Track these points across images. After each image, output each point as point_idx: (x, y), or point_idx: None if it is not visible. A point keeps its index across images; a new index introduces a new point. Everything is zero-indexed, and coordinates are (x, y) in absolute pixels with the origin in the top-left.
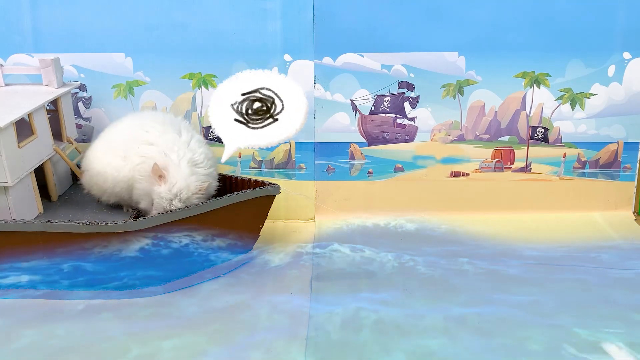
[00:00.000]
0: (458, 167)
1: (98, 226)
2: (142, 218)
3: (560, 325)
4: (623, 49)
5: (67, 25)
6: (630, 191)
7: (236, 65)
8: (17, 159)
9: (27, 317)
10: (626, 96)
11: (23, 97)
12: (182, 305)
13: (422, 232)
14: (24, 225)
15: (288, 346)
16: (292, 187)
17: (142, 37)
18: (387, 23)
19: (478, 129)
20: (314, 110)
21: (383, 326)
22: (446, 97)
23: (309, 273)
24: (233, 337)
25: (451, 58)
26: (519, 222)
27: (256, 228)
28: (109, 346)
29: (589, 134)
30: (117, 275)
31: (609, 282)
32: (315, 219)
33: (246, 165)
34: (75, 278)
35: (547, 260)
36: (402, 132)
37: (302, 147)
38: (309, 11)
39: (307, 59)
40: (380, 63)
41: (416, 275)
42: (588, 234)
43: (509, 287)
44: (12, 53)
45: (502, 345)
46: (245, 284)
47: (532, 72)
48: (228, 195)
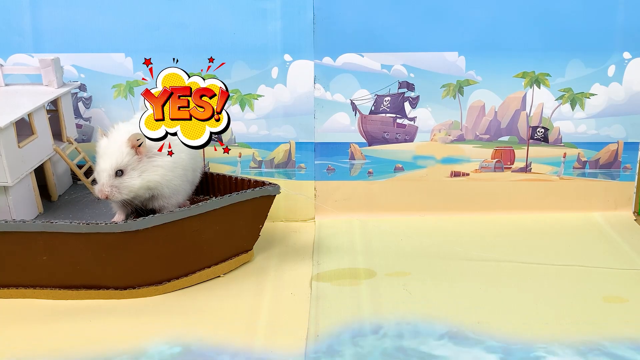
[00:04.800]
0: (458, 167)
1: (98, 226)
2: (142, 218)
3: (560, 326)
4: (623, 49)
5: (67, 25)
6: (630, 191)
7: (236, 65)
8: (17, 159)
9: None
10: (626, 96)
11: (23, 97)
12: (182, 305)
13: (422, 232)
14: (24, 225)
15: (288, 346)
16: (292, 187)
17: (142, 37)
18: (387, 23)
19: (478, 129)
20: (314, 111)
21: (382, 325)
22: (446, 97)
23: (309, 273)
24: (233, 337)
25: (451, 58)
26: (519, 222)
27: (256, 228)
28: (109, 346)
29: (589, 134)
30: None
31: (609, 282)
32: (315, 219)
33: (246, 165)
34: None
35: (546, 260)
36: (402, 132)
37: (302, 147)
38: (309, 11)
39: (307, 59)
40: (380, 63)
41: (416, 275)
42: (588, 234)
43: (509, 287)
44: (12, 53)
45: (502, 347)
46: (245, 284)
47: (532, 72)
48: (228, 195)
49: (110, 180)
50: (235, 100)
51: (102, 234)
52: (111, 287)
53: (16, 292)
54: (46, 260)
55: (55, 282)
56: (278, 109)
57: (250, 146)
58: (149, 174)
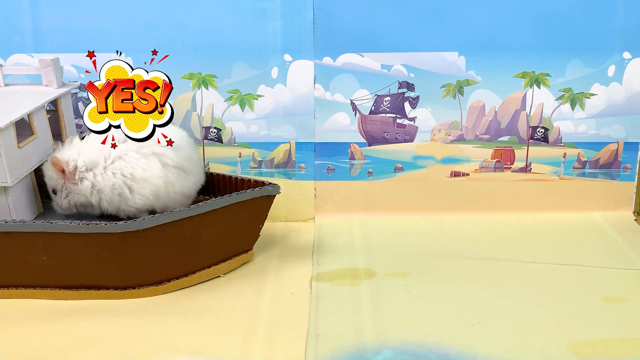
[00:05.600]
0: (458, 167)
1: (98, 226)
2: (142, 218)
3: (560, 326)
4: (623, 49)
5: (67, 25)
6: (630, 191)
7: (236, 65)
8: (17, 159)
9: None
10: (626, 96)
11: (23, 97)
12: (182, 305)
13: (422, 232)
14: (24, 226)
15: (288, 346)
16: (292, 187)
17: (142, 37)
18: (387, 23)
19: (478, 129)
20: (314, 111)
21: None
22: (446, 97)
23: (309, 273)
24: (233, 337)
25: (451, 58)
26: (519, 222)
27: (256, 228)
28: (108, 346)
29: (589, 134)
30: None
31: (609, 282)
32: (315, 219)
33: (246, 165)
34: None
35: (546, 260)
36: (402, 132)
37: (302, 147)
38: (309, 11)
39: (307, 59)
40: (380, 63)
41: (416, 275)
42: (588, 234)
43: (509, 286)
44: (12, 53)
45: (502, 347)
46: (245, 284)
47: (532, 72)
48: (228, 195)
49: (52, 195)
50: (235, 100)
51: (102, 234)
52: (111, 287)
53: (16, 292)
54: (46, 260)
55: (55, 282)
56: (278, 109)
57: (250, 146)
58: (73, 196)
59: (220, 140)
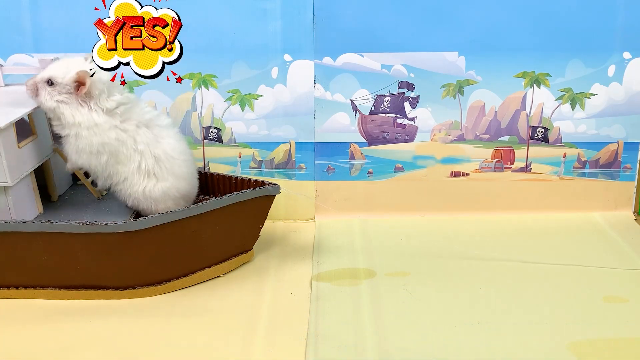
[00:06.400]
0: (458, 167)
1: (98, 226)
2: (142, 218)
3: (559, 328)
4: (623, 49)
5: (67, 25)
6: (630, 191)
7: (236, 65)
8: (17, 159)
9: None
10: (626, 96)
11: (23, 97)
12: (182, 305)
13: (422, 232)
14: (24, 226)
15: (288, 346)
16: (292, 187)
17: None
18: (387, 23)
19: (478, 129)
20: (314, 111)
21: (383, 325)
22: (446, 97)
23: (309, 273)
24: (233, 337)
25: (451, 58)
26: (519, 222)
27: (256, 228)
28: (108, 346)
29: (589, 134)
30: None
31: (609, 282)
32: (315, 219)
33: (246, 165)
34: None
35: (546, 260)
36: (402, 132)
37: (302, 147)
38: (309, 11)
39: (307, 59)
40: (380, 63)
41: (416, 275)
42: (588, 233)
43: (508, 286)
44: (12, 53)
45: (502, 347)
46: (245, 284)
47: (532, 72)
48: (228, 195)
49: (40, 79)
50: (235, 100)
51: (102, 234)
52: (111, 287)
53: (16, 292)
54: (46, 260)
55: (55, 282)
56: (278, 109)
57: (250, 146)
58: (61, 106)
59: (220, 140)
